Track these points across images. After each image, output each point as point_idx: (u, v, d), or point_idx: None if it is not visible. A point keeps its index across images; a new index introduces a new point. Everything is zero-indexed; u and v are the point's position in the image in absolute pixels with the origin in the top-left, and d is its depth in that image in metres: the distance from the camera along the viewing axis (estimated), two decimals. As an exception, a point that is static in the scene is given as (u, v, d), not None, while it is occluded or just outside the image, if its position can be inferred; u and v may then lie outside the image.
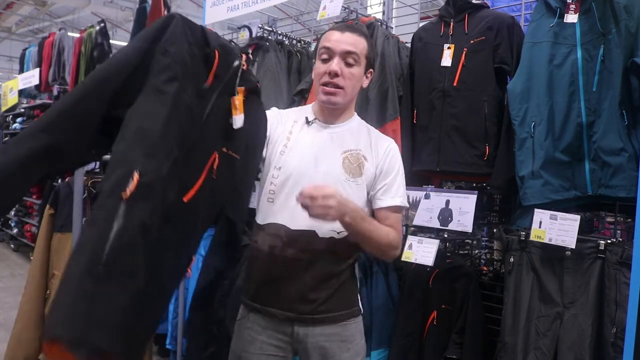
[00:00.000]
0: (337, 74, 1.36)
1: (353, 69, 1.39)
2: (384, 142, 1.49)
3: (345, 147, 1.43)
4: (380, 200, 1.43)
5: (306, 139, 1.43)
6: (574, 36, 1.79)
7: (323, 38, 1.43)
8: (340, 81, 1.37)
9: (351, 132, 1.46)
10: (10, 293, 4.65)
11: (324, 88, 1.39)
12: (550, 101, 1.83)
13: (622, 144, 1.71)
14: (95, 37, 4.77)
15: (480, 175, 2.10)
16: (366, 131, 1.50)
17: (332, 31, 1.43)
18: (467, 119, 2.05)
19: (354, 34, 1.40)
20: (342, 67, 1.37)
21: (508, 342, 1.80)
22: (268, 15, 3.30)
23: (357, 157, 1.42)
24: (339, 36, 1.39)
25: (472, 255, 2.42)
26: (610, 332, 1.61)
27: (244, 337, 1.42)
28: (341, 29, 1.42)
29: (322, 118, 1.46)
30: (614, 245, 1.65)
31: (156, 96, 0.98)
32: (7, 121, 7.52)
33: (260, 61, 2.77)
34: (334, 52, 1.37)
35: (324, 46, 1.40)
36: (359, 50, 1.39)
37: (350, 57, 1.38)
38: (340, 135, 1.45)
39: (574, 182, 1.82)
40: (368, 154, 1.44)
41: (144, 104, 0.98)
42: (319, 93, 1.41)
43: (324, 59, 1.40)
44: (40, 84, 5.70)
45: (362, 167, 1.42)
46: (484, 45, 2.04)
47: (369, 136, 1.48)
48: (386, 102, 2.30)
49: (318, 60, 1.42)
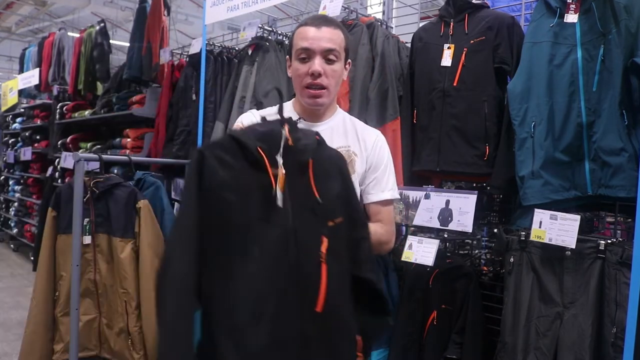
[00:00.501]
0: (321, 74, 1.33)
1: (335, 65, 1.35)
2: (371, 135, 1.47)
3: (334, 144, 1.39)
4: (371, 195, 1.44)
5: None
6: (574, 36, 1.79)
7: (298, 35, 1.36)
8: (324, 81, 1.34)
9: (338, 128, 1.45)
10: (11, 293, 4.65)
11: (308, 91, 1.35)
12: (550, 101, 1.83)
13: (622, 144, 1.71)
14: (95, 37, 4.76)
15: (480, 175, 2.10)
16: (351, 125, 1.47)
17: (306, 27, 1.35)
18: (467, 119, 2.05)
19: (330, 28, 1.34)
20: (323, 66, 1.33)
21: (508, 342, 1.80)
22: (268, 15, 3.30)
23: (347, 154, 1.41)
24: (316, 33, 1.32)
25: (472, 255, 2.42)
26: (610, 332, 1.61)
27: None
28: (316, 24, 1.34)
29: (307, 117, 1.42)
30: (614, 245, 1.65)
31: (242, 259, 0.96)
32: (7, 121, 7.53)
33: (260, 61, 2.77)
34: (313, 52, 1.32)
35: (301, 47, 1.33)
36: (338, 46, 1.34)
37: (331, 54, 1.33)
38: (328, 133, 1.41)
39: (574, 182, 1.82)
40: (357, 149, 1.43)
41: (235, 269, 0.97)
42: (302, 96, 1.38)
43: (303, 59, 1.34)
44: (40, 83, 5.70)
45: (353, 163, 1.41)
46: (484, 45, 2.04)
47: (355, 130, 1.46)
48: (386, 102, 2.30)
49: (296, 60, 1.36)
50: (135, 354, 2.11)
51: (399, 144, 2.24)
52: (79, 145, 4.97)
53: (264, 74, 2.71)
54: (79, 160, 2.11)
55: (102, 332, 2.20)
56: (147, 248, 2.10)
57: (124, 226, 2.12)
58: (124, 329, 2.12)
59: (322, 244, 0.99)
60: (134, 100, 3.97)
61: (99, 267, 2.16)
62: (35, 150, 6.08)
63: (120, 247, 2.12)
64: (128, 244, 2.12)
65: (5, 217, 7.31)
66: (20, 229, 6.63)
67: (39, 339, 2.14)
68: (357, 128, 1.47)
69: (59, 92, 5.70)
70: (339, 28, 1.37)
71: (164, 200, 2.31)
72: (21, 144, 6.65)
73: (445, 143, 2.09)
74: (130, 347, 2.11)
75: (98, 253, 2.16)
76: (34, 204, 6.25)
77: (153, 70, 3.85)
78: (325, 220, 1.02)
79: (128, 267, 2.10)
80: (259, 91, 2.70)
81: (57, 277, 2.19)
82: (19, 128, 6.88)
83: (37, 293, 2.16)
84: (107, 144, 4.44)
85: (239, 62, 2.99)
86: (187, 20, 10.40)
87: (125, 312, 2.11)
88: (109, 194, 2.14)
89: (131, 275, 2.10)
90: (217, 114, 2.96)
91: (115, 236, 2.13)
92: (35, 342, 2.13)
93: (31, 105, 6.68)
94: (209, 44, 3.26)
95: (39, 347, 2.14)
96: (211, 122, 2.99)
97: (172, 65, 3.67)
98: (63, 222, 2.18)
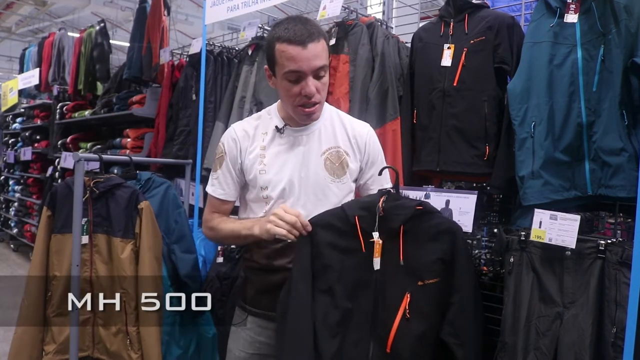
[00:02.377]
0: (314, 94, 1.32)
1: (324, 78, 1.34)
2: (362, 131, 1.47)
3: (323, 146, 1.41)
4: (372, 190, 1.45)
5: (281, 151, 1.40)
6: (574, 36, 1.79)
7: (283, 55, 1.28)
8: (317, 98, 1.33)
9: (326, 128, 1.44)
10: (10, 293, 4.64)
11: (303, 110, 1.34)
12: (550, 101, 1.83)
13: (622, 144, 1.71)
14: (95, 37, 4.76)
15: (480, 175, 2.10)
16: (339, 121, 1.46)
17: (290, 46, 1.26)
18: (467, 119, 2.05)
19: (314, 43, 1.27)
20: (316, 84, 1.31)
21: (508, 342, 1.80)
22: (268, 15, 3.30)
23: (338, 155, 1.41)
24: (304, 52, 1.26)
25: (472, 255, 2.42)
26: (610, 332, 1.60)
27: (243, 338, 1.42)
28: (300, 41, 1.25)
29: (293, 122, 1.41)
30: (614, 245, 1.64)
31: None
32: (7, 121, 7.54)
33: (260, 61, 2.77)
34: (304, 74, 1.28)
35: (290, 69, 1.28)
36: (325, 59, 1.31)
37: (321, 70, 1.31)
38: (317, 135, 1.41)
39: (574, 182, 1.82)
40: (349, 149, 1.43)
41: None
42: (295, 113, 1.37)
43: (293, 80, 1.30)
44: (40, 84, 5.70)
45: (344, 165, 1.41)
46: (484, 45, 2.04)
47: (344, 127, 1.45)
48: (386, 102, 2.30)
49: (284, 80, 1.31)
50: (134, 353, 2.09)
51: (399, 144, 2.24)
52: (79, 145, 4.97)
53: (264, 74, 2.71)
54: (79, 160, 2.11)
55: (97, 332, 2.17)
56: (146, 249, 2.09)
57: (124, 227, 2.11)
58: (122, 329, 2.11)
59: (404, 299, 1.17)
60: (134, 100, 3.97)
61: (95, 267, 2.14)
62: (35, 150, 6.08)
63: (121, 247, 2.11)
64: (128, 244, 2.11)
65: (5, 217, 7.31)
66: (20, 229, 6.63)
67: (30, 339, 2.11)
68: (346, 126, 1.46)
69: (59, 92, 5.70)
70: (320, 36, 1.29)
71: (177, 198, 2.34)
72: (21, 144, 6.65)
73: (445, 143, 2.08)
74: (128, 347, 2.10)
75: (95, 253, 2.15)
76: (34, 204, 6.26)
77: (153, 70, 3.85)
78: (414, 279, 1.18)
79: (128, 267, 2.09)
80: (259, 91, 2.70)
81: (50, 277, 2.16)
82: (19, 128, 6.89)
83: (28, 293, 2.13)
84: (107, 144, 4.45)
85: (239, 62, 2.99)
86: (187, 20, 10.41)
87: (124, 312, 2.10)
88: (109, 194, 2.13)
89: (131, 276, 2.09)
90: (217, 114, 2.96)
91: (115, 236, 2.12)
92: (26, 342, 2.11)
93: (31, 105, 6.69)
94: (209, 44, 3.26)
95: (29, 348, 2.11)
96: (211, 122, 3.00)
97: (172, 65, 3.67)
98: (58, 221, 2.16)
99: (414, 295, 1.16)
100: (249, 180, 1.41)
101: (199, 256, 2.97)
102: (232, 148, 1.42)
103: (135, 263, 2.11)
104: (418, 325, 1.16)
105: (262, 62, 2.76)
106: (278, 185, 1.37)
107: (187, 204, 3.01)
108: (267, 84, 2.67)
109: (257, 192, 1.40)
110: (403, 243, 1.17)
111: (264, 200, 1.39)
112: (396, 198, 1.20)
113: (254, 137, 1.42)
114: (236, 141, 1.42)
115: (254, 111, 2.63)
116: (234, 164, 1.43)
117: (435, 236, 1.17)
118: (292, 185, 1.37)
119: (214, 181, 1.47)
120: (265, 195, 1.38)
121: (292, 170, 1.38)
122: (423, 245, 1.18)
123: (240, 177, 1.44)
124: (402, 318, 1.15)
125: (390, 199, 1.20)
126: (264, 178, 1.38)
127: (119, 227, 2.12)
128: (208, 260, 2.97)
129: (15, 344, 2.12)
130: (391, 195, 1.21)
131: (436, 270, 1.17)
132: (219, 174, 1.45)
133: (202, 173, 2.87)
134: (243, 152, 1.41)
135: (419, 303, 1.16)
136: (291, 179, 1.37)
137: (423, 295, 1.17)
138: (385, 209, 1.19)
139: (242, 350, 1.41)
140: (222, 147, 1.45)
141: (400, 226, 1.18)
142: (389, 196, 1.21)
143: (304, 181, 1.37)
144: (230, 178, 1.44)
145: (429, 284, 1.17)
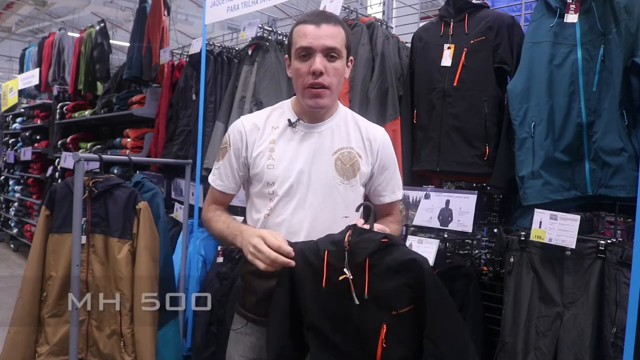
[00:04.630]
0: (322, 72, 1.28)
1: (336, 63, 1.30)
2: (377, 135, 1.44)
3: (336, 146, 1.37)
4: (383, 197, 1.46)
5: (292, 147, 1.36)
6: (574, 36, 1.79)
7: (297, 34, 1.30)
8: (325, 79, 1.29)
9: (339, 128, 1.40)
10: (10, 293, 4.65)
11: (310, 90, 1.30)
12: (550, 101, 1.83)
13: (622, 144, 1.71)
14: (95, 37, 4.76)
15: (480, 175, 2.10)
16: (354, 122, 1.43)
17: (304, 25, 1.29)
18: (467, 119, 2.05)
19: (329, 25, 1.28)
20: (325, 63, 1.28)
21: (508, 342, 1.80)
22: (268, 15, 3.30)
23: (349, 157, 1.37)
24: (316, 31, 1.27)
25: (472, 255, 2.42)
26: (610, 332, 1.61)
27: (243, 343, 1.40)
28: (315, 21, 1.28)
29: (307, 117, 1.38)
30: (614, 245, 1.65)
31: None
32: (7, 121, 7.54)
33: (260, 61, 2.77)
34: (314, 50, 1.27)
35: (301, 45, 1.28)
36: (339, 44, 1.29)
37: (332, 51, 1.28)
38: (329, 133, 1.38)
39: (574, 182, 1.82)
40: (361, 151, 1.40)
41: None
42: (304, 96, 1.33)
43: (303, 57, 1.29)
44: (40, 84, 5.70)
45: (355, 167, 1.38)
46: (484, 45, 2.04)
47: (359, 129, 1.42)
48: (386, 102, 2.30)
49: (295, 59, 1.31)
50: (127, 356, 2.07)
51: (399, 144, 2.24)
52: (79, 145, 4.97)
53: (264, 74, 2.71)
54: (79, 160, 2.10)
55: (91, 334, 2.15)
56: (143, 250, 2.08)
57: (122, 227, 2.10)
58: (117, 331, 2.09)
59: (382, 330, 1.18)
60: (134, 100, 3.97)
61: (91, 267, 2.13)
62: (35, 150, 6.08)
63: (118, 247, 2.10)
64: (125, 244, 2.10)
65: (5, 217, 7.32)
66: (20, 229, 6.64)
67: (23, 340, 2.09)
68: (361, 127, 1.43)
69: (59, 92, 5.70)
70: (339, 24, 1.31)
71: (160, 207, 2.29)
72: (21, 144, 6.65)
73: (445, 143, 2.08)
74: (122, 349, 2.08)
75: (92, 253, 2.14)
76: (34, 204, 6.26)
77: (153, 70, 3.85)
78: (387, 310, 1.18)
79: (124, 268, 2.08)
80: (259, 91, 2.70)
81: (45, 277, 2.14)
82: (19, 128, 6.89)
83: (24, 293, 2.11)
84: (107, 144, 4.45)
85: (239, 62, 2.99)
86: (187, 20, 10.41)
87: (119, 314, 2.08)
88: (108, 194, 2.13)
89: (127, 277, 2.08)
90: (217, 114, 2.96)
91: (112, 236, 2.11)
92: (19, 343, 2.08)
93: (31, 105, 6.69)
94: (209, 44, 3.26)
95: (22, 349, 2.09)
96: (211, 122, 2.99)
97: (172, 65, 3.67)
98: (56, 221, 2.15)
99: (390, 325, 1.17)
100: (254, 174, 1.38)
101: (199, 256, 2.97)
102: (237, 140, 1.40)
103: (131, 264, 2.10)
104: (395, 354, 1.17)
105: (262, 62, 2.76)
106: (285, 181, 1.34)
107: (187, 204, 3.01)
108: (267, 84, 2.69)
109: (261, 187, 1.36)
110: (369, 276, 1.17)
111: (269, 197, 1.36)
112: (361, 232, 1.19)
113: (264, 130, 1.39)
114: (242, 134, 1.39)
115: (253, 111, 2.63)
116: (237, 156, 1.40)
117: (399, 267, 1.17)
118: (299, 183, 1.34)
119: (215, 171, 1.46)
120: (271, 191, 1.35)
121: (301, 167, 1.34)
122: (389, 276, 1.18)
123: (242, 171, 1.41)
124: (382, 348, 1.17)
125: (356, 234, 1.19)
126: (271, 173, 1.34)
127: (116, 227, 2.11)
128: (208, 260, 2.97)
129: (8, 344, 2.08)
130: (356, 230, 1.19)
131: (406, 298, 1.17)
132: (220, 164, 1.44)
133: (202, 173, 2.87)
134: (250, 146, 1.38)
135: (397, 332, 1.17)
136: (299, 176, 1.34)
137: (399, 324, 1.17)
138: (351, 243, 1.18)
139: (243, 355, 1.39)
140: (227, 139, 1.43)
141: (366, 259, 1.17)
142: (354, 230, 1.20)
143: (312, 180, 1.34)
144: (230, 170, 1.42)
145: (402, 313, 1.17)
